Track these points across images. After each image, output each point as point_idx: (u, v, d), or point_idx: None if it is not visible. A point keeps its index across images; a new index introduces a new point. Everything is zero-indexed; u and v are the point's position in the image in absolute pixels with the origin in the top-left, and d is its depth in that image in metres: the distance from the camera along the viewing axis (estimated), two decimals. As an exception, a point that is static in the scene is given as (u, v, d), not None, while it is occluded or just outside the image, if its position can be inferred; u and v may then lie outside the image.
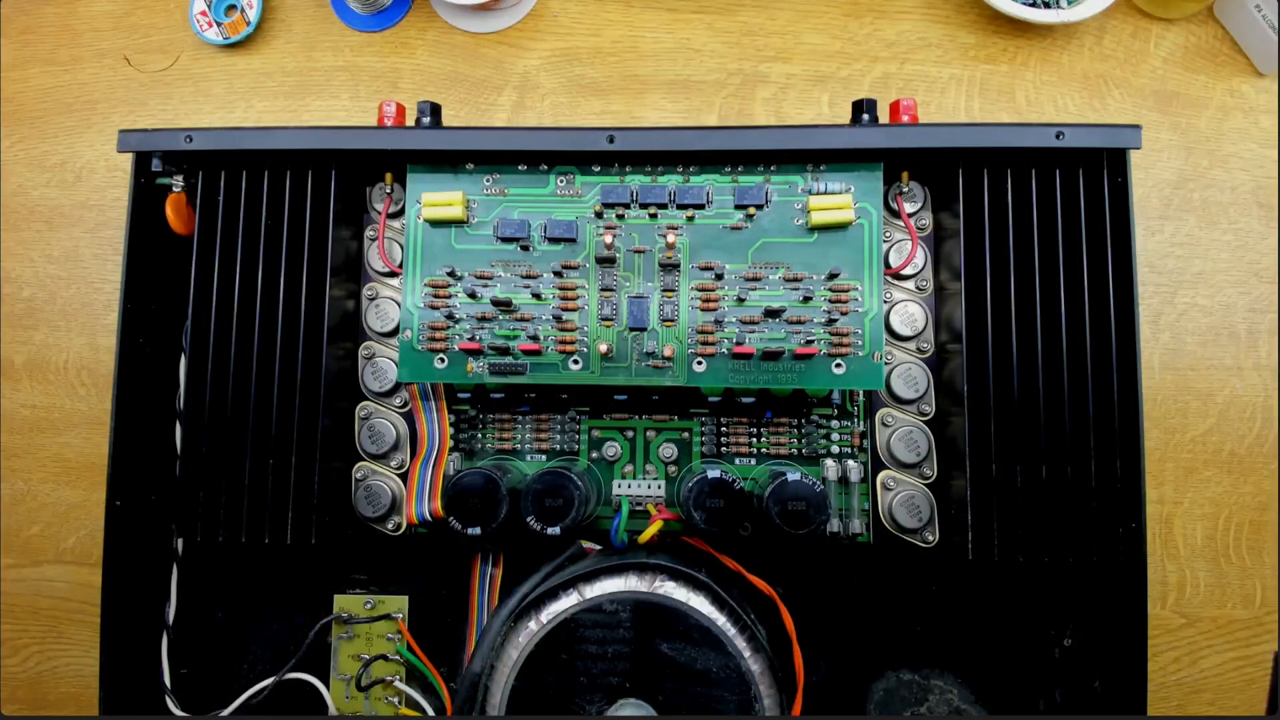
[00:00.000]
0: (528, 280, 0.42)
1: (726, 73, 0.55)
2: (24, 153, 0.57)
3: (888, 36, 0.54)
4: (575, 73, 0.55)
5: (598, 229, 0.42)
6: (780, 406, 0.44)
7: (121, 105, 0.57)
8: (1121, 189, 0.40)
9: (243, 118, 0.56)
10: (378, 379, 0.44)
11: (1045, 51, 0.54)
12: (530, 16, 0.56)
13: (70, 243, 0.56)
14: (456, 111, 0.55)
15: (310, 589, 0.44)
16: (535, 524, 0.38)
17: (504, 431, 0.45)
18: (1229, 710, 0.50)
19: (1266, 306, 0.51)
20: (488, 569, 0.43)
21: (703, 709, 0.37)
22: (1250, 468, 0.51)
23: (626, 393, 0.44)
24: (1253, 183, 0.52)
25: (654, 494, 0.43)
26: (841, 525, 0.42)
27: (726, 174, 0.42)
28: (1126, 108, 0.53)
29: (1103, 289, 0.39)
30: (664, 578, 0.39)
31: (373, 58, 0.56)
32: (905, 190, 0.43)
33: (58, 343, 0.56)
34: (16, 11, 0.58)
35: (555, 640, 0.37)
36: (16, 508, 0.55)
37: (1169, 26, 0.53)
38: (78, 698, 0.54)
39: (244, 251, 0.42)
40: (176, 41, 0.57)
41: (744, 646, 0.37)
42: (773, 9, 0.55)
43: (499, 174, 0.42)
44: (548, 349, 0.41)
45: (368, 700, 0.43)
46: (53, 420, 0.55)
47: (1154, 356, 0.51)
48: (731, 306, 0.41)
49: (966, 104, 0.53)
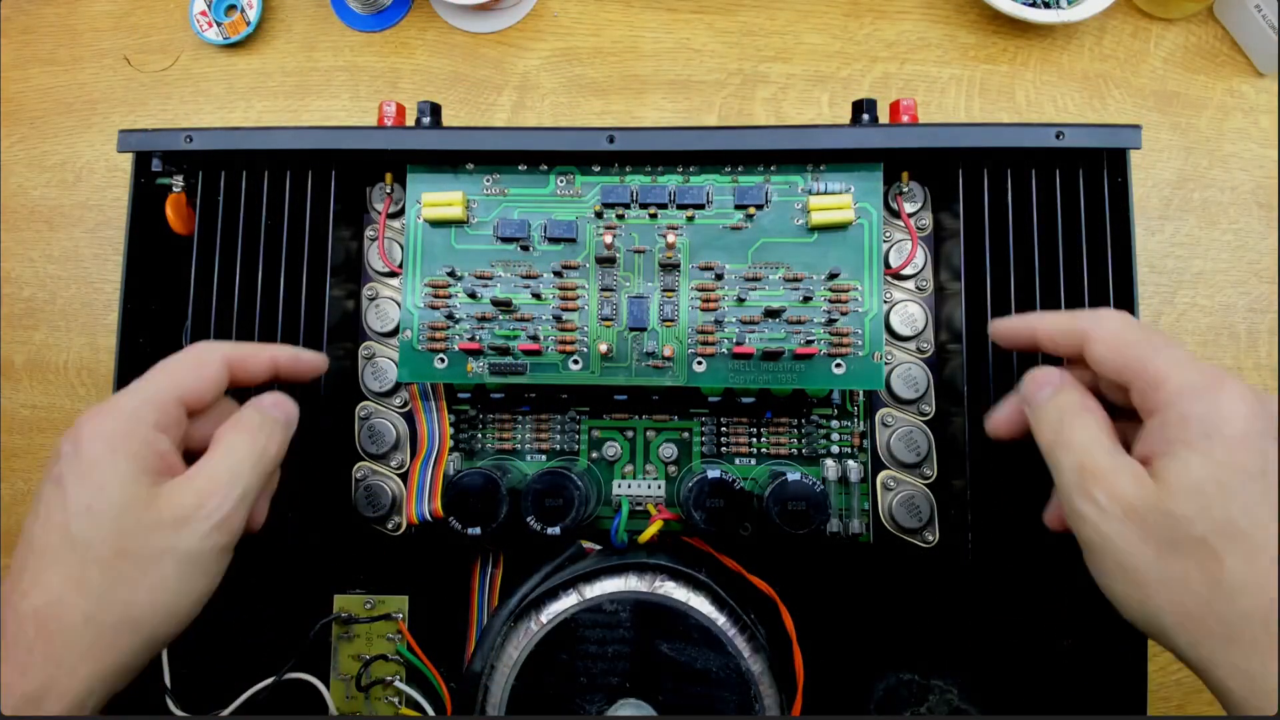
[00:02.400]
0: (528, 280, 0.42)
1: (726, 73, 0.55)
2: (24, 153, 0.57)
3: (888, 36, 0.54)
4: (575, 73, 0.55)
5: (598, 229, 0.42)
6: (780, 406, 0.44)
7: (121, 105, 0.57)
8: (1121, 189, 0.40)
9: (243, 118, 0.56)
10: (378, 379, 0.44)
11: (1045, 51, 0.54)
12: (530, 16, 0.56)
13: (70, 243, 0.56)
14: (456, 111, 0.55)
15: (310, 589, 0.44)
16: (535, 524, 0.38)
17: (504, 431, 0.45)
18: (1229, 710, 0.50)
19: (1266, 306, 0.51)
20: (488, 569, 0.43)
21: (703, 709, 0.37)
22: (1250, 468, 0.51)
23: (626, 393, 0.44)
24: (1253, 183, 0.52)
25: (654, 494, 0.43)
26: (841, 525, 0.42)
27: (726, 174, 0.42)
28: (1126, 108, 0.53)
29: (1103, 289, 0.39)
30: (664, 578, 0.39)
31: (373, 58, 0.56)
32: (905, 190, 0.43)
33: (58, 343, 0.56)
34: (16, 11, 0.58)
35: (555, 640, 0.37)
36: (16, 508, 0.55)
37: (1169, 26, 0.53)
38: (78, 698, 0.54)
39: (244, 251, 0.42)
40: (176, 41, 0.57)
41: (744, 646, 0.37)
42: (773, 9, 0.55)
43: (499, 174, 0.42)
44: (548, 349, 0.41)
45: (368, 700, 0.43)
46: (53, 420, 0.55)
47: (1154, 356, 0.51)
48: (731, 306, 0.41)
49: (966, 104, 0.53)
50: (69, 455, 0.29)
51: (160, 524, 0.29)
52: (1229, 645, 0.25)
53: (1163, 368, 0.28)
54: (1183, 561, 0.26)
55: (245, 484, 0.31)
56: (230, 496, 0.30)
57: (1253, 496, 0.25)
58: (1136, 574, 0.27)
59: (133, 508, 0.28)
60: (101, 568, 0.28)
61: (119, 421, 0.30)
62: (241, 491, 0.31)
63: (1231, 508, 0.25)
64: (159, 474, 0.30)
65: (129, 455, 0.29)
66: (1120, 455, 0.28)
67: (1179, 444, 0.27)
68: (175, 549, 0.29)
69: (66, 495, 0.28)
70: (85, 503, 0.28)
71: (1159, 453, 0.27)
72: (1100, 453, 0.29)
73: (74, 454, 0.29)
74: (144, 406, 0.30)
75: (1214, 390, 0.27)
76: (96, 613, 0.27)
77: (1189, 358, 0.28)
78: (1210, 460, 0.26)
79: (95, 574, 0.28)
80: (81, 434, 0.29)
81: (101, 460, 0.28)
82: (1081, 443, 0.29)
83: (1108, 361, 0.30)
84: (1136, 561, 0.27)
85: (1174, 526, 0.26)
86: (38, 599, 0.27)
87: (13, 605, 0.27)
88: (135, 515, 0.28)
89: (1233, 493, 0.25)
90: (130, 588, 0.28)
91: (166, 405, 0.31)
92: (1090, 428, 0.30)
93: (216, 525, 0.30)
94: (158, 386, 0.31)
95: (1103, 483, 0.28)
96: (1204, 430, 0.26)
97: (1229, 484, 0.26)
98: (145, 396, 0.31)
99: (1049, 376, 0.32)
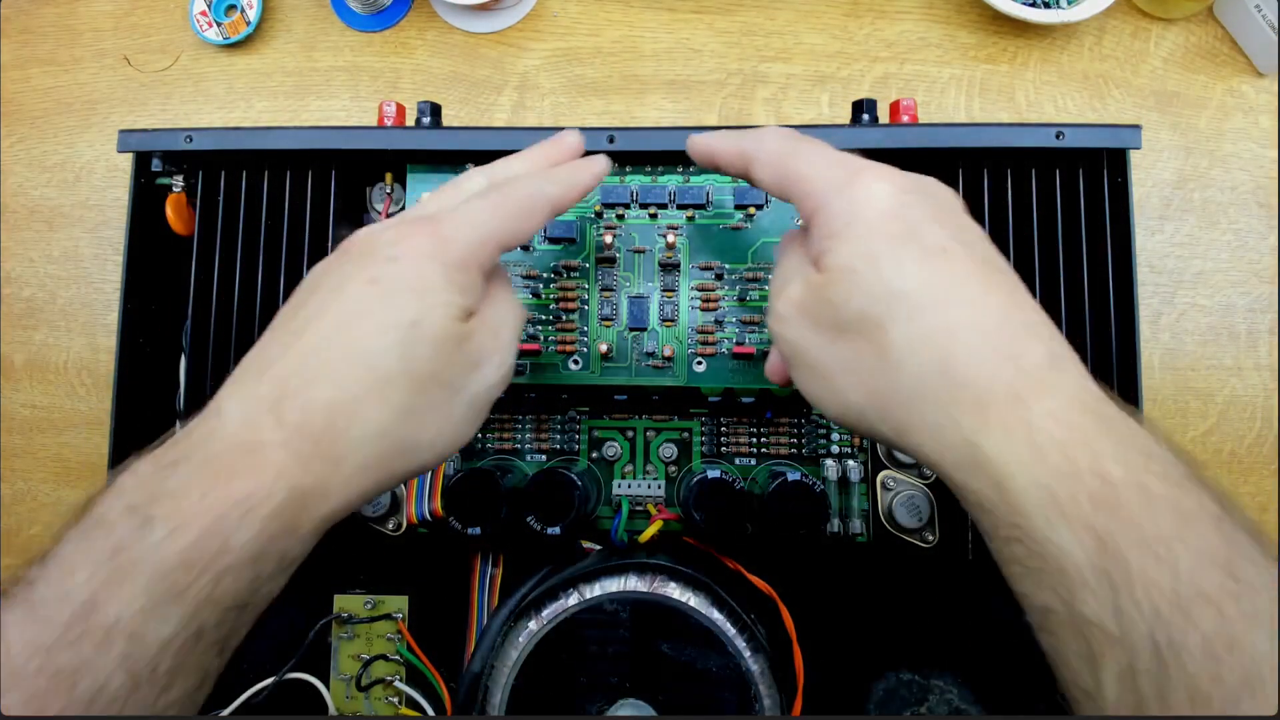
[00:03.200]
0: (528, 280, 0.42)
1: (726, 73, 0.55)
2: (24, 153, 0.57)
3: (888, 36, 0.54)
4: (575, 73, 0.55)
5: (598, 229, 0.42)
6: (780, 406, 0.44)
7: (121, 105, 0.57)
8: (1121, 189, 0.40)
9: (243, 118, 0.56)
10: (378, 379, 0.44)
11: (1045, 51, 0.54)
12: (530, 16, 0.56)
13: (70, 243, 0.56)
14: (456, 111, 0.55)
15: (310, 589, 0.44)
16: (535, 524, 0.38)
17: (504, 431, 0.45)
18: (1229, 710, 0.50)
19: (1266, 306, 0.51)
20: (488, 569, 0.43)
21: (703, 709, 0.37)
22: (1250, 468, 0.51)
23: (626, 393, 0.44)
24: (1253, 183, 0.52)
25: (654, 494, 0.43)
26: (841, 525, 0.42)
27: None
28: (1126, 108, 0.53)
29: (1103, 289, 0.40)
30: (664, 578, 0.39)
31: (373, 58, 0.56)
32: (905, 190, 0.43)
33: (58, 343, 0.56)
34: (16, 11, 0.58)
35: (555, 640, 0.37)
36: (16, 508, 0.55)
37: (1169, 26, 0.53)
38: (78, 698, 0.54)
39: (244, 251, 0.42)
40: (176, 41, 0.57)
41: (744, 646, 0.37)
42: (773, 9, 0.55)
43: (499, 174, 0.42)
44: (547, 349, 0.41)
45: (368, 700, 0.43)
46: (53, 420, 0.55)
47: (1154, 356, 0.51)
48: (731, 306, 0.41)
49: (966, 104, 0.53)
50: (398, 261, 0.27)
51: (466, 362, 0.28)
52: (912, 406, 0.25)
53: (807, 173, 0.28)
54: (853, 340, 0.26)
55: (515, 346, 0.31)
56: (512, 352, 0.30)
57: (904, 257, 0.25)
58: (821, 367, 0.27)
59: (450, 339, 0.27)
60: (410, 387, 0.27)
61: (459, 251, 0.28)
62: (514, 350, 0.31)
63: (884, 273, 0.25)
64: (470, 315, 0.29)
65: (459, 289, 0.28)
66: (800, 269, 0.29)
67: (831, 238, 0.27)
68: (468, 389, 0.29)
69: (390, 301, 0.27)
70: (411, 317, 0.27)
71: (820, 251, 0.27)
72: (782, 274, 0.29)
73: (407, 263, 0.27)
74: (482, 246, 0.29)
75: (852, 181, 0.27)
76: (392, 429, 0.26)
77: (830, 157, 0.29)
78: (856, 240, 0.26)
79: (401, 390, 0.26)
80: (420, 249, 0.28)
81: (435, 285, 0.27)
82: (776, 276, 0.30)
83: (768, 181, 0.30)
84: (817, 355, 0.27)
85: (836, 309, 0.26)
86: (332, 392, 0.26)
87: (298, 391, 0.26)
88: (450, 348, 0.28)
89: (881, 260, 0.26)
90: (426, 415, 0.27)
91: (495, 247, 0.29)
92: (784, 263, 0.30)
93: (502, 378, 0.30)
94: (492, 226, 0.29)
95: (782, 295, 0.29)
96: (847, 219, 0.27)
97: (877, 253, 0.26)
98: (484, 234, 0.29)
99: None
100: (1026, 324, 0.25)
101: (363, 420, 0.26)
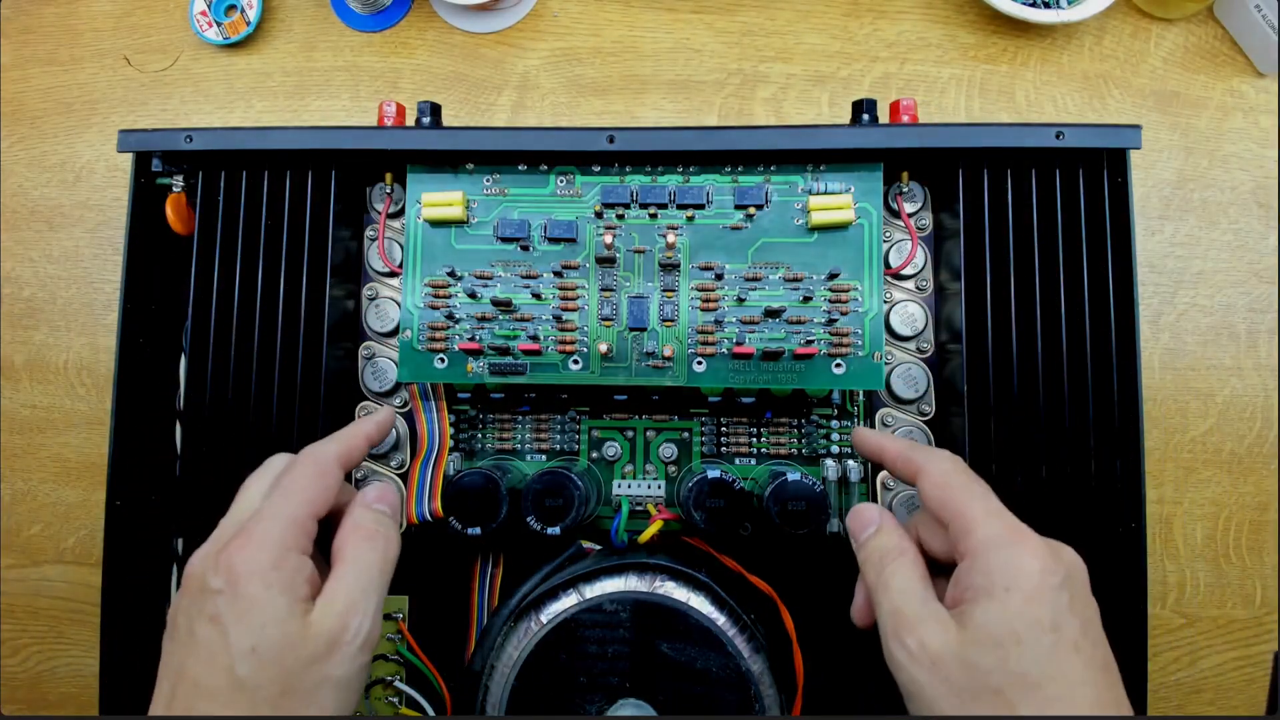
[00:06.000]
0: (528, 280, 0.42)
1: (726, 73, 0.55)
2: (24, 153, 0.57)
3: (888, 36, 0.54)
4: (575, 73, 0.55)
5: (598, 229, 0.42)
6: (780, 406, 0.44)
7: (121, 105, 0.57)
8: (1121, 189, 0.40)
9: (243, 118, 0.56)
10: (378, 379, 0.44)
11: (1045, 51, 0.54)
12: (530, 16, 0.56)
13: (70, 243, 0.56)
14: (456, 111, 0.55)
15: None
16: (535, 524, 0.38)
17: (504, 431, 0.45)
18: (1229, 710, 0.50)
19: (1266, 306, 0.51)
20: (488, 569, 0.43)
21: (703, 709, 0.37)
22: (1250, 468, 0.51)
23: (626, 393, 0.44)
24: (1253, 183, 0.52)
25: (654, 494, 0.43)
26: (841, 525, 0.42)
27: (726, 174, 0.42)
28: (1126, 108, 0.53)
29: (1103, 289, 0.40)
30: (664, 578, 0.39)
31: (373, 58, 0.56)
32: (905, 190, 0.43)
33: (58, 343, 0.56)
34: (16, 11, 0.58)
35: (555, 640, 0.37)
36: (16, 508, 0.55)
37: (1169, 26, 0.53)
38: (78, 698, 0.54)
39: (244, 251, 0.42)
40: (176, 41, 0.57)
41: (744, 646, 0.37)
42: (773, 9, 0.55)
43: (499, 174, 0.42)
44: (548, 349, 0.41)
45: (368, 700, 0.43)
46: (53, 420, 0.55)
47: (1154, 356, 0.51)
48: (731, 306, 0.41)
49: (966, 104, 0.53)
50: (224, 592, 0.29)
51: (315, 656, 0.29)
52: None
53: (975, 516, 0.30)
54: (977, 699, 0.28)
55: (379, 594, 0.32)
56: (369, 613, 0.31)
57: (1044, 649, 0.27)
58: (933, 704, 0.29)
59: (292, 644, 0.29)
60: (270, 707, 0.28)
61: (269, 552, 0.30)
62: (377, 602, 0.31)
63: (1025, 660, 0.27)
64: (307, 600, 0.30)
65: (283, 588, 0.29)
66: (931, 603, 0.30)
67: (982, 593, 0.29)
68: (330, 677, 0.29)
69: (228, 636, 0.28)
70: (249, 644, 0.28)
71: (965, 599, 0.29)
72: (913, 600, 0.30)
73: (230, 591, 0.29)
74: (288, 532, 0.30)
75: (1014, 544, 0.29)
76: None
77: (999, 509, 0.31)
78: (1007, 612, 0.28)
79: (270, 704, 0.28)
80: (236, 569, 0.29)
81: (259, 598, 0.29)
82: (898, 588, 0.31)
83: (932, 499, 0.32)
84: (944, 707, 0.28)
85: (975, 677, 0.28)
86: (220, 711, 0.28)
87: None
88: (295, 652, 0.29)
89: (1026, 646, 0.27)
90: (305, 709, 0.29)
91: (305, 525, 0.31)
92: (905, 572, 0.31)
93: (362, 645, 0.30)
94: (293, 507, 0.31)
95: (914, 631, 0.29)
96: (1005, 583, 0.28)
97: (1024, 637, 0.28)
98: (286, 521, 0.31)
99: (869, 516, 0.35)
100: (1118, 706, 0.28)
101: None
